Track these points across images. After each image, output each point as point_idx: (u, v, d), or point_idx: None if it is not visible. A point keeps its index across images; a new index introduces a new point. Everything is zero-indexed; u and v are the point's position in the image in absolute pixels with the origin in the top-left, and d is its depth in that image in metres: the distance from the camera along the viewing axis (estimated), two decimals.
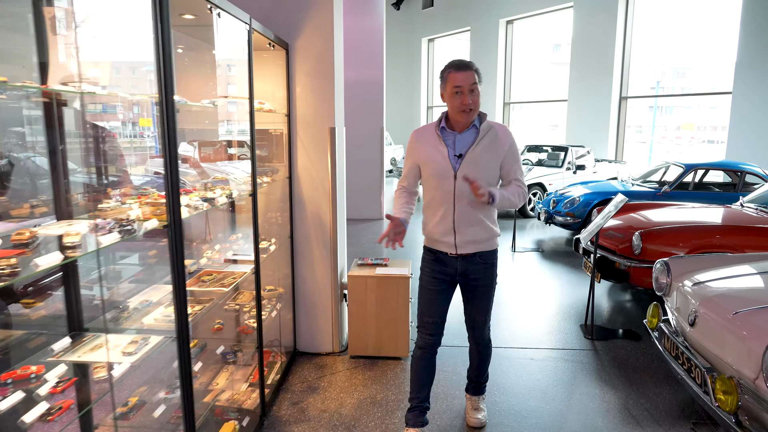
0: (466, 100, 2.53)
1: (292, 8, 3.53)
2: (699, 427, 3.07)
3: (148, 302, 2.30)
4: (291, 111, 3.67)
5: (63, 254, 1.43)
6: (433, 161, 2.65)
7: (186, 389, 2.03)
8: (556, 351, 4.11)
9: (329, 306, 3.92)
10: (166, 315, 2.14)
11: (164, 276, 2.72)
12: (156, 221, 1.87)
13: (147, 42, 1.79)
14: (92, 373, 1.70)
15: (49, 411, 1.50)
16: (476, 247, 2.71)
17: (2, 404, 1.45)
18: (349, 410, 3.23)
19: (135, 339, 1.89)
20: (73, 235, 1.52)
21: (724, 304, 2.70)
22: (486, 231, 2.71)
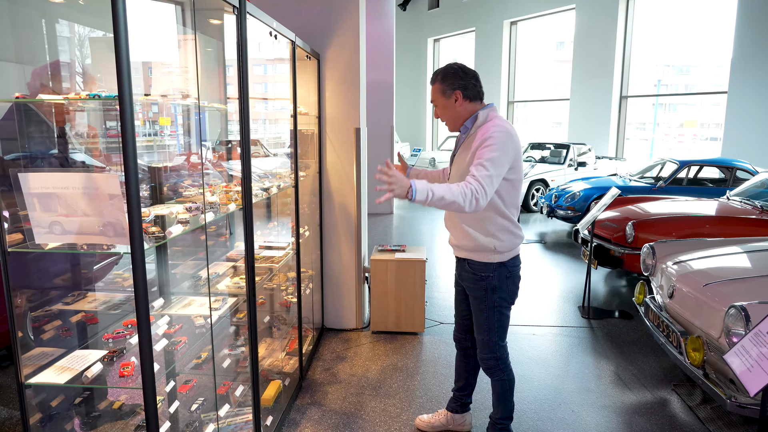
0: (436, 114, 2.60)
1: (324, 24, 4.00)
2: (678, 388, 3.54)
3: (216, 274, 2.78)
4: (321, 113, 4.14)
5: (182, 227, 1.90)
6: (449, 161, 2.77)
7: (253, 341, 2.51)
8: (555, 328, 4.58)
9: (353, 287, 4.40)
10: (235, 282, 2.62)
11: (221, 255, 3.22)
12: (234, 205, 2.35)
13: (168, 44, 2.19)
14: (194, 320, 2.17)
15: (173, 342, 1.98)
16: (465, 254, 2.63)
17: (132, 340, 1.94)
18: (374, 374, 3.72)
19: (217, 299, 2.38)
20: (184, 212, 2.00)
21: (697, 278, 3.17)
22: (469, 239, 2.56)
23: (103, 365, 1.77)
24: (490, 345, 2.66)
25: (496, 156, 2.30)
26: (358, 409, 3.27)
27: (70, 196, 1.54)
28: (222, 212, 2.27)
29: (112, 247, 1.61)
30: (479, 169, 2.26)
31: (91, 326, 2.13)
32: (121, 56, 1.41)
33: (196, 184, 2.75)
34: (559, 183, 9.93)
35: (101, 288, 2.56)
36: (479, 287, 2.60)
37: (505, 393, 2.73)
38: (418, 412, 3.23)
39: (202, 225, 2.06)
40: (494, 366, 2.68)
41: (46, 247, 1.61)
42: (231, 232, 3.51)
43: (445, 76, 2.49)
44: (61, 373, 1.72)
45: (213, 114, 2.98)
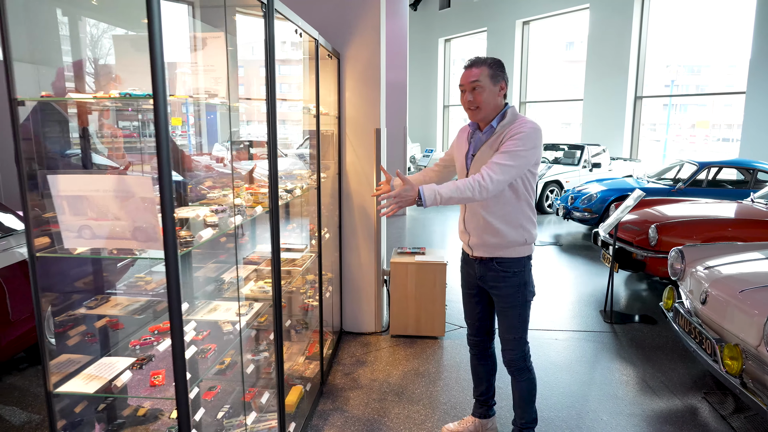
0: (465, 98, 2.44)
1: (345, 23, 3.94)
2: (710, 396, 3.44)
3: (240, 278, 2.72)
4: (341, 113, 4.08)
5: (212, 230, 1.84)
6: (457, 159, 2.65)
7: (278, 344, 2.45)
8: (578, 333, 4.49)
9: (372, 290, 4.33)
10: (260, 287, 2.56)
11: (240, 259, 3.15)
12: (260, 207, 2.29)
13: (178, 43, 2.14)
14: (222, 327, 2.11)
15: (202, 350, 1.92)
16: (491, 252, 2.55)
17: (161, 347, 1.88)
18: (396, 380, 3.64)
19: (244, 304, 2.31)
20: (212, 215, 1.93)
21: (731, 284, 3.08)
22: (497, 236, 2.50)
23: (132, 373, 1.71)
24: (520, 344, 2.63)
25: (523, 151, 2.31)
26: (382, 415, 3.20)
27: (100, 199, 1.48)
28: (248, 215, 2.21)
29: (143, 252, 1.55)
30: (503, 157, 2.29)
31: (115, 332, 2.07)
32: (155, 56, 1.35)
33: (217, 186, 2.69)
34: (573, 184, 9.82)
35: (123, 291, 2.51)
36: (510, 284, 2.56)
37: (531, 394, 2.70)
38: (442, 419, 3.15)
39: (232, 228, 1.99)
40: (523, 366, 2.67)
41: (75, 252, 1.56)
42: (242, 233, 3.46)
43: (495, 63, 2.43)
44: (89, 382, 1.66)
45: (224, 114, 2.93)
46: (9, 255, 3.39)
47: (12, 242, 3.47)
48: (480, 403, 2.99)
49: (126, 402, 2.36)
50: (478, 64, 2.42)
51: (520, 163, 2.31)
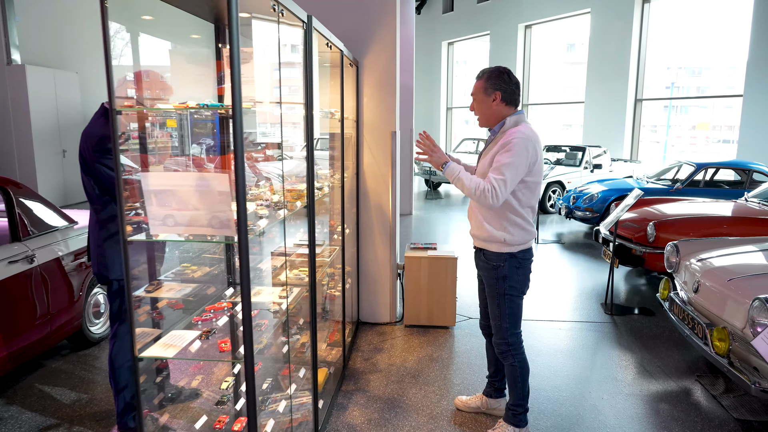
0: (471, 106, 2.85)
1: (363, 34, 4.23)
2: (702, 379, 3.73)
3: (274, 267, 3.01)
4: (359, 117, 4.37)
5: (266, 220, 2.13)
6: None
7: (313, 325, 2.74)
8: (580, 323, 4.78)
9: (387, 283, 4.62)
10: (295, 274, 2.85)
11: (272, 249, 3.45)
12: (300, 203, 2.58)
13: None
14: (270, 307, 2.40)
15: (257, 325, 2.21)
16: (480, 243, 2.86)
17: (220, 322, 2.17)
18: (412, 364, 3.93)
19: (284, 288, 2.60)
20: (263, 208, 2.23)
21: (721, 274, 3.37)
22: (484, 231, 2.79)
23: (201, 342, 2.00)
24: (502, 331, 2.87)
25: (512, 161, 2.60)
26: (400, 395, 3.49)
27: (183, 192, 1.77)
28: (290, 210, 2.50)
29: (214, 237, 1.84)
30: (495, 172, 2.60)
31: (177, 311, 2.36)
32: (234, 70, 1.64)
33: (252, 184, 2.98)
34: (575, 185, 10.11)
35: (171, 278, 2.80)
36: (492, 275, 2.84)
37: (515, 379, 2.90)
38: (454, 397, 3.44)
39: (280, 220, 2.29)
40: (505, 351, 2.89)
41: (157, 237, 1.85)
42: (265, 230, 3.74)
43: (491, 76, 2.74)
44: (167, 349, 1.96)
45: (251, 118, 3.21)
46: (50, 250, 3.67)
47: (51, 239, 3.73)
48: (489, 384, 3.28)
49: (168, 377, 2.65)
50: (478, 77, 2.79)
51: (512, 174, 2.60)
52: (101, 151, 2.65)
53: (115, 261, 2.77)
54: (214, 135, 3.61)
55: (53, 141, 10.46)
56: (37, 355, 3.56)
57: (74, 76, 10.97)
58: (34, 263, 3.46)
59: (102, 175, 2.66)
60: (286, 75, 3.62)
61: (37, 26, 10.72)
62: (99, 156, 2.64)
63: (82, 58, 11.61)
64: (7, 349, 3.20)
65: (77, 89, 11.01)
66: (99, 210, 2.78)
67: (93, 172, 2.69)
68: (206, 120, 4.22)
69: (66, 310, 3.74)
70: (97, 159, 2.64)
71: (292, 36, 3.05)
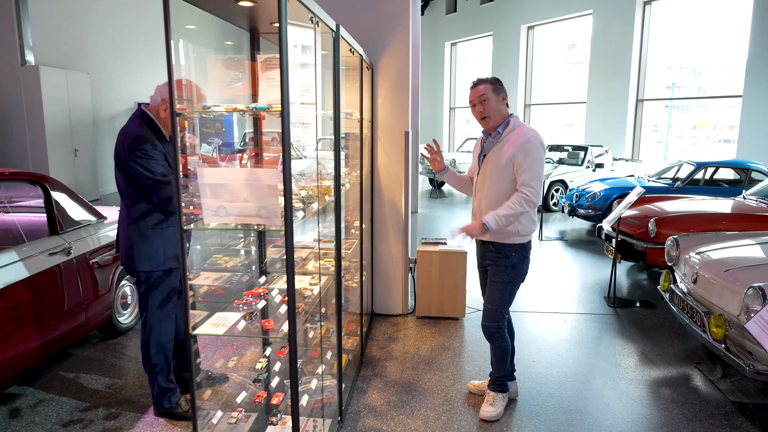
0: (477, 109, 3.04)
1: (378, 37, 4.44)
2: (701, 365, 3.94)
3: (300, 258, 3.22)
4: (373, 118, 4.58)
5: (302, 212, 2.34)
6: (473, 160, 3.26)
7: (338, 310, 2.95)
8: (584, 315, 4.99)
9: (400, 276, 4.83)
10: (322, 264, 3.06)
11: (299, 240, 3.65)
12: (327, 197, 2.79)
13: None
14: (303, 293, 2.61)
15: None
16: (491, 237, 3.06)
17: (259, 305, 2.38)
18: (425, 352, 4.15)
19: (314, 276, 2.82)
20: (298, 202, 2.43)
21: (718, 265, 3.58)
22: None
23: (245, 322, 2.21)
24: (495, 315, 3.15)
25: (534, 163, 2.92)
26: (416, 380, 3.70)
27: (235, 186, 1.98)
28: (320, 204, 2.71)
29: (261, 227, 2.05)
30: (527, 182, 2.89)
31: (219, 296, 2.57)
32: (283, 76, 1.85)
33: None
34: (578, 184, 10.32)
35: (206, 268, 3.01)
36: (501, 264, 3.10)
37: (503, 356, 3.25)
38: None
39: (314, 212, 2.50)
40: (495, 333, 3.19)
41: (210, 226, 2.06)
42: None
43: (494, 80, 3.06)
44: (216, 327, 2.17)
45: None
46: (84, 243, 3.88)
47: (84, 233, 3.94)
48: None
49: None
50: (482, 81, 3.04)
51: (540, 171, 2.93)
52: (135, 150, 2.83)
53: (143, 253, 2.96)
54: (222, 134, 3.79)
55: (65, 141, 10.66)
56: (73, 342, 3.78)
57: (85, 77, 11.18)
58: (70, 255, 3.67)
59: (134, 172, 2.85)
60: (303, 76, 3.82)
61: (50, 28, 10.93)
62: (132, 154, 2.83)
63: (93, 59, 11.84)
64: (48, 335, 3.41)
65: (88, 90, 11.22)
66: (129, 205, 2.96)
67: (126, 169, 2.88)
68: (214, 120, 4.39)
69: (98, 300, 3.96)
70: (131, 157, 2.83)
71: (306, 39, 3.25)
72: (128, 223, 2.94)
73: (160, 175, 2.81)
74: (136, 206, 2.91)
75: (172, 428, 3.10)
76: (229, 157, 5.88)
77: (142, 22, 13.25)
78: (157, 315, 2.99)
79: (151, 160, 2.82)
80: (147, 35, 13.37)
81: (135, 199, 2.90)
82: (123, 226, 2.99)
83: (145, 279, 2.96)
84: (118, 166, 2.91)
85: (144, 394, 3.47)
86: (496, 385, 3.31)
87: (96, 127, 11.78)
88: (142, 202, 2.89)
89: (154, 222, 2.91)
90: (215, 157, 6.69)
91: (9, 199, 4.49)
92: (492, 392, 3.32)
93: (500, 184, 3.00)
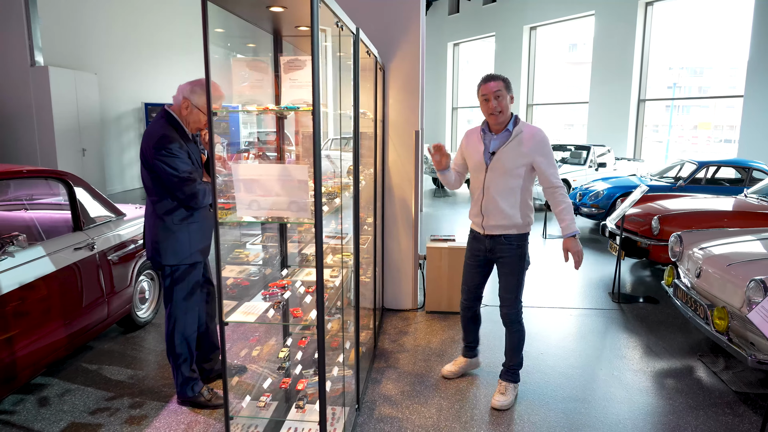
0: (491, 104, 3.11)
1: (389, 39, 4.56)
2: (704, 357, 4.06)
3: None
4: (385, 117, 4.70)
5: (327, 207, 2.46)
6: (473, 156, 3.29)
7: (357, 303, 3.07)
8: (589, 310, 5.11)
9: (410, 272, 4.96)
10: (339, 258, 3.18)
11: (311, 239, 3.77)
12: (347, 193, 2.91)
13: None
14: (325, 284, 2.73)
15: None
16: (502, 230, 3.23)
17: (285, 295, 2.50)
18: (436, 345, 4.27)
19: (334, 268, 2.94)
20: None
21: (721, 260, 3.70)
22: (508, 218, 3.20)
23: (274, 311, 2.34)
24: (516, 303, 3.37)
25: (552, 158, 3.21)
26: (427, 371, 3.83)
27: (267, 181, 2.10)
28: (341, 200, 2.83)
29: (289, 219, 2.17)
30: (555, 179, 3.18)
31: (245, 287, 2.70)
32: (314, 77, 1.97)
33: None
34: (581, 183, 10.44)
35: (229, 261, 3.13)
36: (513, 255, 3.29)
37: (520, 343, 3.43)
38: (483, 375, 3.78)
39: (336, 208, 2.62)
40: (516, 320, 3.39)
41: (242, 218, 2.18)
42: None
43: (507, 79, 3.23)
44: (247, 315, 2.29)
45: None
46: (106, 239, 4.00)
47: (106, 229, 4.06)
48: (469, 348, 3.78)
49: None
50: (495, 78, 3.17)
51: (555, 164, 3.23)
52: (160, 149, 2.95)
53: (169, 247, 3.08)
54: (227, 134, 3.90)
55: (74, 140, 10.79)
56: (96, 335, 3.90)
57: (93, 77, 11.30)
58: (93, 251, 3.79)
59: (160, 170, 2.97)
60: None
61: (59, 29, 11.07)
62: (157, 153, 2.95)
63: (100, 59, 11.97)
64: (75, 327, 3.53)
65: (96, 90, 11.35)
66: (155, 201, 3.09)
67: (151, 167, 3.00)
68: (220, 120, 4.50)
69: (119, 294, 4.08)
70: (156, 156, 2.95)
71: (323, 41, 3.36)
72: (154, 218, 3.06)
73: (185, 173, 2.93)
74: (162, 203, 3.02)
75: (196, 416, 3.23)
76: (236, 156, 6.01)
77: (147, 23, 13.38)
78: (182, 307, 3.11)
79: (176, 159, 2.94)
80: (152, 36, 13.50)
81: (161, 196, 3.01)
82: (149, 221, 3.11)
83: (171, 272, 3.08)
84: (144, 164, 3.03)
85: (166, 385, 3.60)
86: (509, 375, 3.47)
87: (103, 127, 11.91)
88: (168, 199, 3.01)
89: (179, 217, 3.03)
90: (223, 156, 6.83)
91: (30, 196, 4.61)
92: (504, 382, 3.46)
93: (516, 179, 3.18)
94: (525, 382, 3.66)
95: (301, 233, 3.86)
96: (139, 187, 13.44)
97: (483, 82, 3.19)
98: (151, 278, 4.68)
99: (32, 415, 3.23)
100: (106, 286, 3.91)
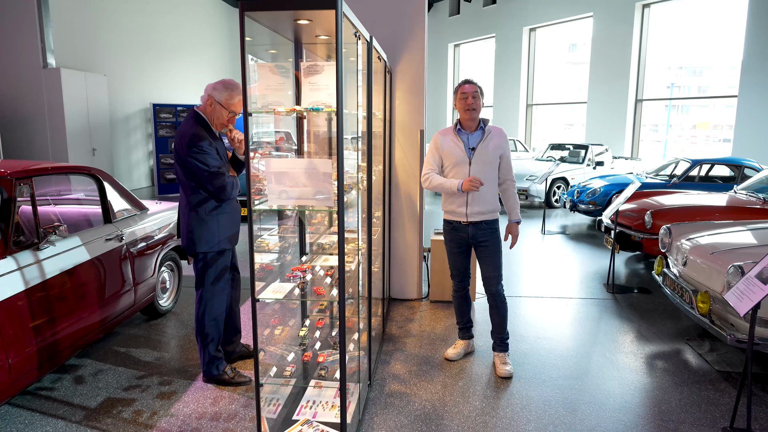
0: (469, 101, 3.55)
1: (395, 43, 4.85)
2: (691, 341, 4.35)
3: (331, 242, 3.63)
4: (392, 117, 4.99)
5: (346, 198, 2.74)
6: (453, 152, 3.64)
7: (369, 286, 3.36)
8: (584, 299, 5.40)
9: (415, 263, 5.24)
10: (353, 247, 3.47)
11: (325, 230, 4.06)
12: (361, 186, 3.20)
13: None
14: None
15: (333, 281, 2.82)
16: (482, 217, 3.66)
17: (307, 278, 2.79)
18: (440, 331, 4.56)
19: (349, 254, 3.22)
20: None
21: (705, 249, 3.99)
22: (491, 205, 3.67)
23: (299, 291, 2.62)
24: (500, 278, 3.81)
25: (511, 157, 3.84)
26: (433, 353, 4.12)
27: (295, 173, 2.39)
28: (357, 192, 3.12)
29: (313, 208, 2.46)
30: (510, 174, 3.77)
31: (270, 271, 2.98)
32: (339, 82, 2.26)
33: None
34: (579, 181, 10.72)
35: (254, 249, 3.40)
36: (494, 237, 3.75)
37: (505, 314, 3.86)
38: (481, 355, 4.06)
39: (353, 199, 2.91)
40: (503, 293, 3.84)
41: (272, 207, 2.46)
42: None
43: (481, 87, 3.70)
44: (275, 293, 2.57)
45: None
46: (132, 231, 4.29)
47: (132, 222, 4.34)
48: (466, 329, 4.10)
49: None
50: (472, 82, 3.64)
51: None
52: (192, 147, 3.23)
53: (201, 236, 3.38)
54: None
55: (84, 140, 11.08)
56: (124, 320, 4.18)
57: (103, 79, 11.59)
58: (122, 242, 4.08)
59: (192, 166, 3.25)
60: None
61: (70, 31, 11.36)
62: (189, 151, 3.24)
63: (110, 61, 12.27)
64: (106, 312, 3.82)
65: (106, 91, 11.64)
66: (189, 194, 3.38)
67: (184, 163, 3.29)
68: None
69: (144, 283, 4.36)
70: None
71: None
72: (188, 210, 3.35)
73: (215, 168, 3.22)
74: (194, 195, 3.31)
75: (221, 392, 3.51)
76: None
77: (155, 26, 13.68)
78: (212, 290, 3.40)
79: (207, 155, 3.23)
80: (160, 39, 13.80)
81: (193, 190, 3.30)
82: (184, 213, 3.40)
83: (203, 258, 3.38)
84: (177, 161, 3.32)
85: (191, 365, 3.88)
86: (504, 346, 3.90)
87: (112, 127, 12.20)
88: (199, 192, 3.30)
89: (210, 208, 3.32)
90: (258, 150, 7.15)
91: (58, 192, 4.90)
92: (501, 353, 3.88)
93: (494, 170, 3.70)
94: (523, 363, 3.96)
95: (314, 225, 4.15)
96: (146, 185, 13.73)
97: (463, 84, 3.64)
98: (171, 269, 4.97)
99: (70, 392, 3.52)
100: (133, 275, 4.19)
